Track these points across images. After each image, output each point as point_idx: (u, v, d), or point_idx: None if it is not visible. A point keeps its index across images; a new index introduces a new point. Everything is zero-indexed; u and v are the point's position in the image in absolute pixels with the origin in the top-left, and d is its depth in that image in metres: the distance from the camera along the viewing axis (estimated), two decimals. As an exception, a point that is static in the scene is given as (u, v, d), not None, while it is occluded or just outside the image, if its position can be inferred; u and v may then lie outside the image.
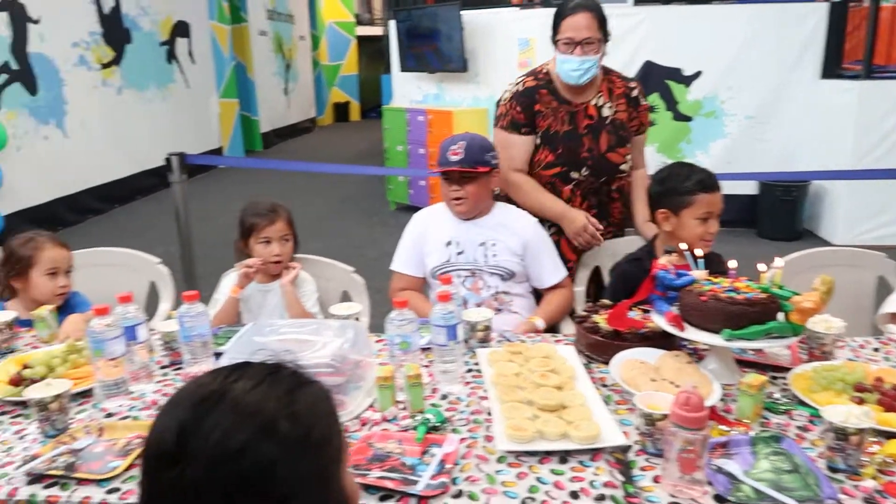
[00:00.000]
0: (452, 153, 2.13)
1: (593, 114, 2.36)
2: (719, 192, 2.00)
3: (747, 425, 1.39)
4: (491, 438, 1.36)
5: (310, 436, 0.78)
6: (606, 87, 2.38)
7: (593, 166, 2.35)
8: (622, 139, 2.38)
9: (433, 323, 1.57)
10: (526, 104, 2.35)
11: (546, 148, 2.35)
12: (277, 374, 0.81)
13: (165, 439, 0.76)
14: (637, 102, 2.43)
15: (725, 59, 5.72)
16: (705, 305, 1.52)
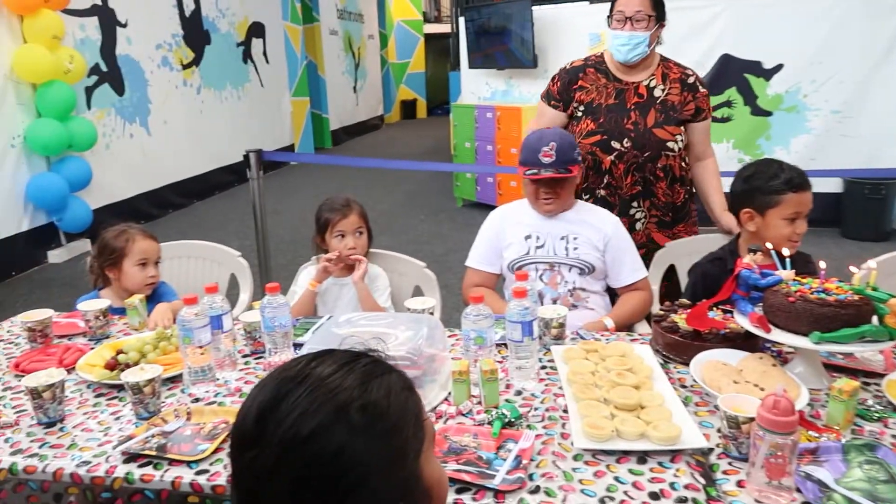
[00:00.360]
0: (545, 155, 2.09)
1: (643, 93, 2.39)
2: (809, 191, 1.91)
3: (838, 432, 1.33)
4: (567, 436, 1.35)
5: (382, 425, 0.78)
6: (661, 72, 2.41)
7: (636, 139, 2.35)
8: (671, 119, 2.37)
9: (508, 319, 1.57)
10: (566, 80, 2.46)
11: (588, 118, 2.41)
12: (356, 363, 0.83)
13: (247, 421, 0.79)
14: (694, 88, 2.41)
15: (809, 51, 5.47)
16: (793, 306, 1.46)
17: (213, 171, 7.97)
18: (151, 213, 6.80)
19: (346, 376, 0.80)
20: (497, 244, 2.27)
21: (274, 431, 0.76)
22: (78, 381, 1.67)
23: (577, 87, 2.44)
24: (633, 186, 2.40)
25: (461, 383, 1.48)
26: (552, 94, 2.49)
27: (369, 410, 0.78)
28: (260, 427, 0.77)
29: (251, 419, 0.78)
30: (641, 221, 2.44)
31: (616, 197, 2.42)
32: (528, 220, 2.24)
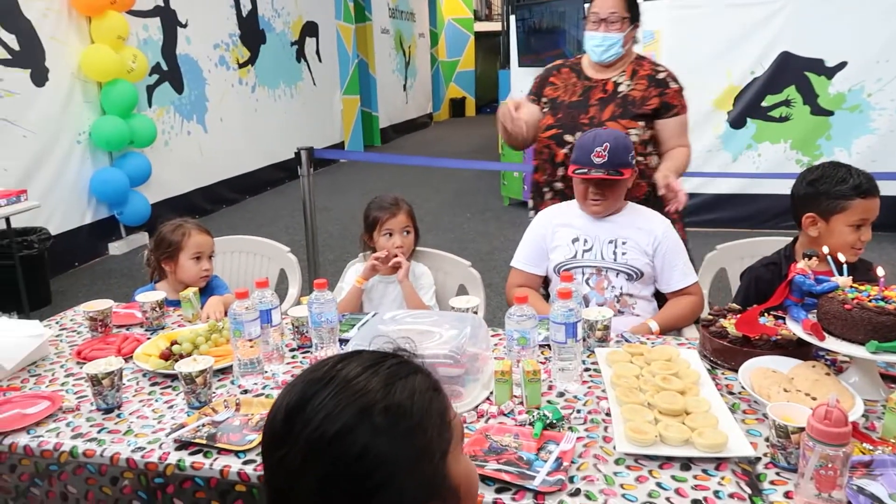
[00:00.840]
0: (597, 155, 2.06)
1: (609, 88, 2.42)
2: (878, 197, 1.84)
3: (894, 445, 1.28)
4: (609, 439, 1.34)
5: (403, 425, 0.80)
6: (632, 69, 2.44)
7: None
8: (628, 112, 2.38)
9: (552, 320, 1.56)
10: (543, 76, 2.55)
11: (549, 113, 2.47)
12: (381, 364, 0.84)
13: (276, 421, 0.81)
14: (663, 84, 2.41)
15: (874, 48, 5.26)
16: (849, 314, 1.42)
17: (264, 168, 8.15)
18: (205, 208, 7.00)
19: (370, 378, 0.82)
20: (543, 246, 2.26)
21: (301, 432, 0.78)
22: (135, 370, 1.74)
23: (549, 83, 2.51)
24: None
25: (503, 383, 1.48)
26: (532, 89, 2.57)
27: (392, 412, 0.79)
28: (287, 427, 0.79)
29: (280, 419, 0.81)
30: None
31: (570, 189, 2.36)
32: (577, 223, 2.22)
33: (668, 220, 2.23)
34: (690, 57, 5.63)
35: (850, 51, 5.32)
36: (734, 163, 5.66)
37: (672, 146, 2.42)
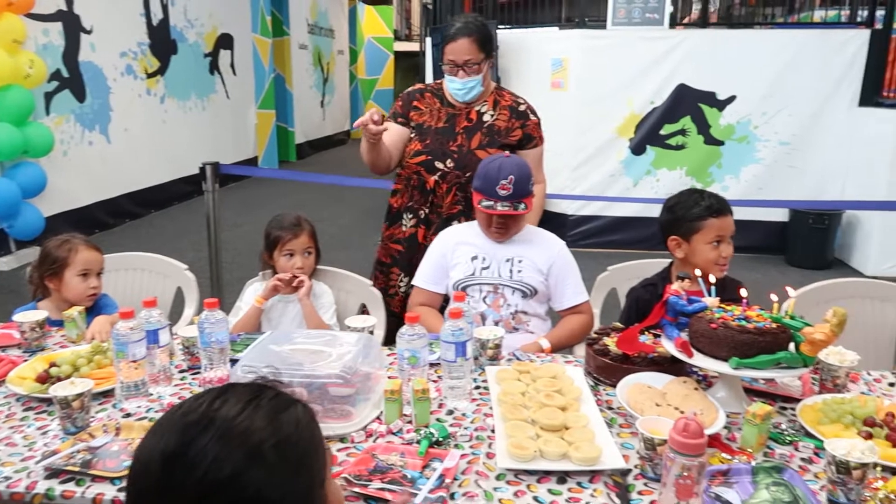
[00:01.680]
0: (502, 188, 2.08)
1: (473, 117, 2.50)
2: (730, 215, 2.01)
3: (750, 455, 1.39)
4: (492, 455, 1.38)
5: (295, 459, 0.79)
6: (493, 99, 2.53)
7: (459, 159, 2.45)
8: (495, 142, 2.47)
9: (442, 339, 1.60)
10: (406, 100, 2.58)
11: (417, 139, 2.51)
12: (261, 398, 0.82)
13: (151, 469, 0.76)
14: (524, 116, 2.52)
15: (762, 84, 5.69)
16: (715, 333, 1.52)
17: (172, 182, 7.88)
18: (107, 221, 6.69)
19: (253, 415, 0.79)
20: (443, 264, 2.30)
21: (185, 480, 0.74)
22: (7, 394, 1.65)
23: (413, 107, 2.55)
24: (454, 206, 2.49)
25: (393, 402, 1.50)
26: (397, 111, 2.58)
27: (282, 447, 0.78)
28: (167, 476, 0.75)
29: (155, 468, 0.76)
30: None
31: (436, 215, 2.51)
32: (476, 241, 2.28)
33: (562, 240, 2.32)
34: (596, 85, 5.91)
35: (739, 86, 5.73)
36: (635, 187, 5.95)
37: (534, 178, 2.45)
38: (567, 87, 6.03)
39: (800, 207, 5.59)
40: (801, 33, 5.77)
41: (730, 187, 5.84)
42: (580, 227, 6.09)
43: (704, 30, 5.99)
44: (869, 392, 1.71)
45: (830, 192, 5.66)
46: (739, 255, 6.14)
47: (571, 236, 6.01)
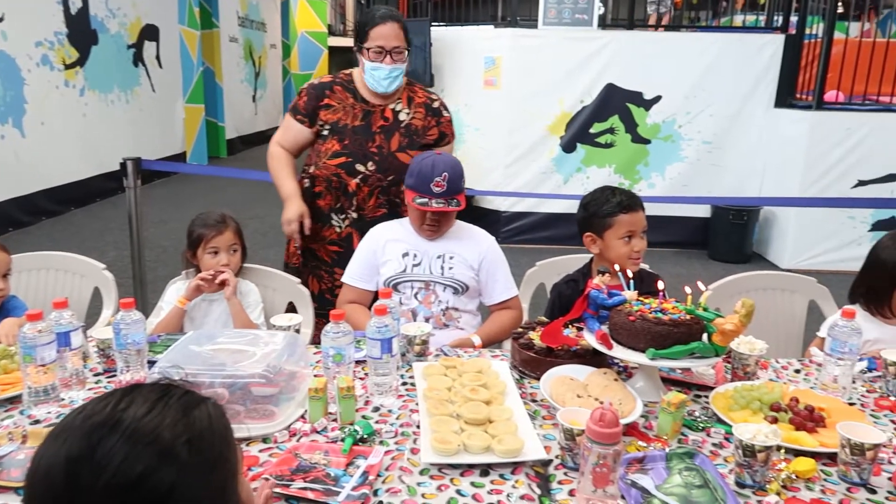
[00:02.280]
0: (436, 185, 2.09)
1: (389, 116, 2.45)
2: (641, 211, 2.07)
3: (665, 442, 1.44)
4: (417, 451, 1.39)
5: (208, 457, 0.78)
6: (407, 96, 2.49)
7: (380, 162, 2.41)
8: (415, 143, 2.45)
9: (368, 336, 1.59)
10: (314, 95, 2.46)
11: (334, 138, 2.43)
12: (169, 397, 0.80)
13: (53, 475, 0.73)
14: (438, 113, 2.51)
15: (685, 84, 5.89)
16: (633, 325, 1.57)
17: (94, 178, 7.55)
18: (21, 219, 6.35)
19: (163, 412, 0.77)
20: (374, 261, 2.29)
21: (93, 484, 0.71)
22: None
23: (324, 104, 2.45)
24: (378, 209, 2.46)
25: (317, 401, 1.49)
26: (299, 108, 2.48)
27: (195, 443, 0.76)
28: (72, 480, 0.72)
29: (58, 473, 0.72)
30: None
31: (362, 219, 2.47)
32: (407, 238, 2.28)
33: (492, 236, 2.35)
34: (528, 84, 6.00)
35: (664, 86, 5.92)
36: (566, 184, 6.08)
37: None
38: (500, 86, 6.09)
39: (720, 204, 5.84)
40: (721, 37, 6.02)
41: (656, 184, 6.04)
42: (513, 224, 6.18)
43: (632, 31, 6.16)
44: (777, 379, 1.80)
45: (749, 189, 5.93)
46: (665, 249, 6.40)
47: (505, 233, 6.09)
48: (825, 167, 5.43)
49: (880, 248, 2.09)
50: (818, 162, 5.43)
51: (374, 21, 2.37)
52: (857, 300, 2.11)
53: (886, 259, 2.04)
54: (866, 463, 1.30)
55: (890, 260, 2.03)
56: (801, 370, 1.87)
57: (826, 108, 5.53)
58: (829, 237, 5.50)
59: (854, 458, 1.30)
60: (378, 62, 2.37)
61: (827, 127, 5.41)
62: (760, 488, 1.28)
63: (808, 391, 1.67)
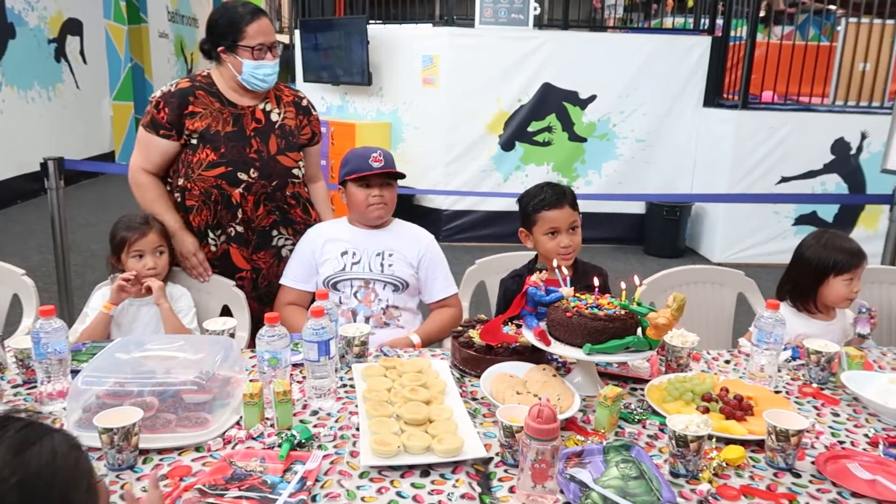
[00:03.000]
0: (375, 160, 2.17)
1: (261, 118, 2.33)
2: (566, 207, 2.08)
3: (602, 435, 1.46)
4: (357, 454, 1.37)
5: (49, 496, 0.71)
6: (274, 94, 2.38)
7: (262, 168, 2.29)
8: (292, 144, 2.37)
9: (304, 338, 1.56)
10: (175, 105, 2.24)
11: (208, 147, 2.25)
12: (5, 431, 0.73)
13: None
14: (308, 112, 2.45)
15: (619, 84, 6.03)
16: (570, 321, 1.59)
17: (14, 179, 7.17)
18: (-66, 224, 5.98)
19: None
20: (312, 261, 2.26)
21: None
22: None
23: (189, 112, 2.25)
24: (269, 216, 2.34)
25: (252, 406, 1.45)
26: (160, 122, 2.24)
27: (28, 485, 0.69)
28: None
29: None
30: (288, 247, 2.39)
31: (252, 231, 2.33)
32: (346, 236, 2.26)
33: (430, 234, 2.35)
34: (466, 83, 6.02)
35: (599, 86, 6.04)
36: (505, 183, 6.13)
37: (312, 173, 2.51)
38: (438, 84, 6.09)
39: (654, 200, 6.00)
40: (652, 38, 6.18)
41: (593, 182, 6.17)
42: (454, 222, 6.20)
43: (567, 31, 6.26)
44: (708, 370, 1.86)
45: (681, 185, 6.12)
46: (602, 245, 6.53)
47: (446, 231, 6.10)
48: (751, 164, 5.65)
49: (804, 248, 2.19)
50: (744, 159, 5.65)
51: (246, 18, 2.21)
52: (784, 297, 2.20)
53: (810, 258, 2.14)
54: (791, 448, 1.35)
55: (813, 258, 2.13)
56: (730, 360, 1.94)
57: (751, 108, 5.76)
58: (755, 231, 5.73)
59: (780, 444, 1.35)
60: (262, 59, 2.23)
61: (752, 126, 5.63)
62: (693, 477, 1.32)
63: (737, 381, 1.73)
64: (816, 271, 2.12)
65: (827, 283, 2.12)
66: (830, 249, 2.12)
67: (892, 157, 3.53)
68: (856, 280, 2.12)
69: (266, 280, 2.39)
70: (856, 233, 5.83)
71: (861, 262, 2.13)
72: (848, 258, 2.10)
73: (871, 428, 1.55)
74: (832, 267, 2.10)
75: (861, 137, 5.65)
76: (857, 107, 5.85)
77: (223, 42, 2.24)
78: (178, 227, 2.27)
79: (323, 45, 6.68)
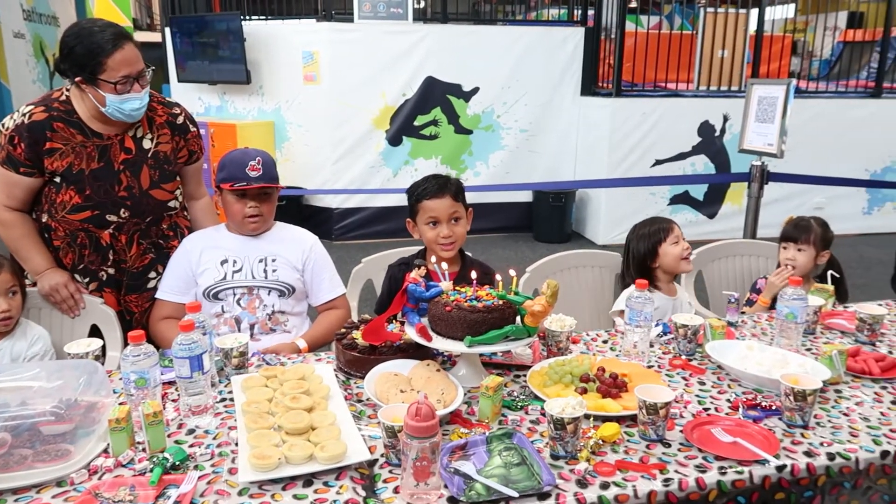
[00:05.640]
0: (252, 169, 2.07)
1: (131, 147, 2.11)
2: (447, 197, 2.09)
3: (486, 425, 1.48)
4: (235, 471, 1.31)
5: None
6: (146, 118, 2.14)
7: (134, 206, 2.11)
8: (168, 174, 2.19)
9: (174, 355, 1.48)
10: (31, 141, 1.99)
11: (71, 189, 2.04)
12: None
13: None
14: (185, 130, 2.25)
15: (500, 76, 6.16)
16: (450, 315, 1.60)
17: None
18: None
19: None
20: (190, 271, 2.16)
21: None
22: None
23: (46, 150, 2.00)
24: (144, 256, 2.19)
25: (120, 432, 1.36)
26: (18, 159, 2.00)
27: None
28: None
29: None
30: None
31: (124, 273, 2.17)
32: (225, 244, 2.18)
33: (315, 235, 2.30)
34: (349, 78, 5.96)
35: (481, 78, 6.15)
36: (395, 178, 6.12)
37: (192, 191, 2.36)
38: (320, 81, 5.99)
39: (540, 188, 6.19)
40: (530, 30, 6.35)
41: (481, 173, 6.27)
42: (346, 220, 6.12)
43: (446, 25, 6.32)
44: (587, 351, 1.94)
45: (564, 173, 6.34)
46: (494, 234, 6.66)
47: (338, 230, 6.02)
48: (627, 149, 5.94)
49: (630, 240, 2.55)
50: (621, 144, 5.93)
51: (107, 48, 1.92)
52: (630, 282, 2.43)
53: (639, 244, 2.51)
54: (661, 420, 1.43)
55: (642, 242, 2.50)
56: (608, 340, 2.02)
57: (624, 96, 6.04)
58: (635, 213, 5.98)
59: (650, 417, 1.43)
60: (127, 93, 1.97)
61: (626, 112, 5.91)
62: (573, 457, 1.36)
63: (613, 360, 1.81)
64: (649, 250, 2.48)
65: (661, 253, 2.46)
66: (648, 229, 2.50)
67: (747, 137, 3.81)
68: (680, 239, 2.48)
69: (138, 325, 2.16)
70: (724, 209, 6.28)
71: (673, 224, 2.51)
72: (664, 225, 2.50)
73: (732, 393, 1.67)
74: (658, 236, 2.47)
75: (724, 120, 6.07)
76: (718, 91, 6.27)
77: (81, 73, 1.95)
78: (45, 268, 2.08)
79: (197, 44, 6.39)
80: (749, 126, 3.78)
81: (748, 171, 3.88)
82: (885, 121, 6.16)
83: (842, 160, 5.87)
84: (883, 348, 1.95)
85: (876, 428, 1.50)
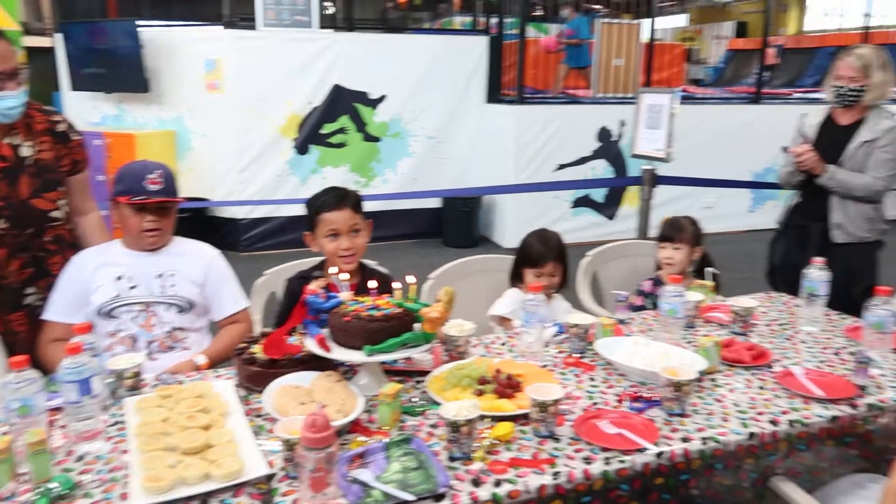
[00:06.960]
0: (151, 182, 2.01)
1: (8, 154, 2.05)
2: (347, 209, 2.12)
3: (386, 433, 1.52)
4: (127, 496, 1.29)
5: None
6: (24, 124, 2.08)
7: (13, 216, 2.05)
8: (50, 182, 2.13)
9: (60, 379, 1.44)
10: None
11: None
12: None
13: None
14: (66, 138, 2.19)
15: (407, 83, 6.22)
16: (348, 325, 1.63)
17: None
18: None
19: None
20: (82, 290, 2.07)
21: None
22: None
23: None
24: (23, 270, 2.11)
25: (1, 464, 1.31)
26: None
27: None
28: None
29: None
30: (42, 307, 2.11)
31: (1, 290, 2.08)
32: (120, 261, 2.10)
33: (215, 249, 2.26)
34: (255, 86, 5.86)
35: (388, 86, 6.19)
36: (303, 186, 6.06)
37: (80, 205, 2.28)
38: (223, 89, 5.85)
39: (448, 195, 6.28)
40: (436, 38, 6.47)
41: (389, 180, 6.31)
42: (253, 231, 5.99)
43: (352, 32, 6.32)
44: (487, 353, 2.00)
45: (472, 179, 6.47)
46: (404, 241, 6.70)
47: (245, 241, 5.88)
48: (531, 154, 6.13)
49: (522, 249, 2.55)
50: (525, 150, 6.11)
51: None
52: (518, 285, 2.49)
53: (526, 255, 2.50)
54: (550, 417, 1.50)
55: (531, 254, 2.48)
56: (506, 342, 2.10)
57: (527, 102, 6.23)
58: (539, 217, 6.18)
59: (541, 414, 1.50)
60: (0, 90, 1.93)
61: (529, 119, 6.10)
62: (468, 458, 1.41)
63: (510, 361, 1.88)
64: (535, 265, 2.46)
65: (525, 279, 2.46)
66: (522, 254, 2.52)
67: (638, 143, 4.02)
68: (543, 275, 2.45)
69: (25, 347, 2.03)
70: (622, 210, 6.58)
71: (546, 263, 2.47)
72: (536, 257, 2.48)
73: (619, 387, 1.77)
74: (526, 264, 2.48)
75: (620, 125, 6.36)
76: (615, 98, 6.57)
77: None
78: None
79: (92, 50, 6.10)
80: (640, 132, 3.99)
81: (640, 176, 4.10)
82: (765, 125, 6.63)
83: (727, 162, 6.28)
84: (754, 338, 2.12)
85: (745, 412, 1.64)
